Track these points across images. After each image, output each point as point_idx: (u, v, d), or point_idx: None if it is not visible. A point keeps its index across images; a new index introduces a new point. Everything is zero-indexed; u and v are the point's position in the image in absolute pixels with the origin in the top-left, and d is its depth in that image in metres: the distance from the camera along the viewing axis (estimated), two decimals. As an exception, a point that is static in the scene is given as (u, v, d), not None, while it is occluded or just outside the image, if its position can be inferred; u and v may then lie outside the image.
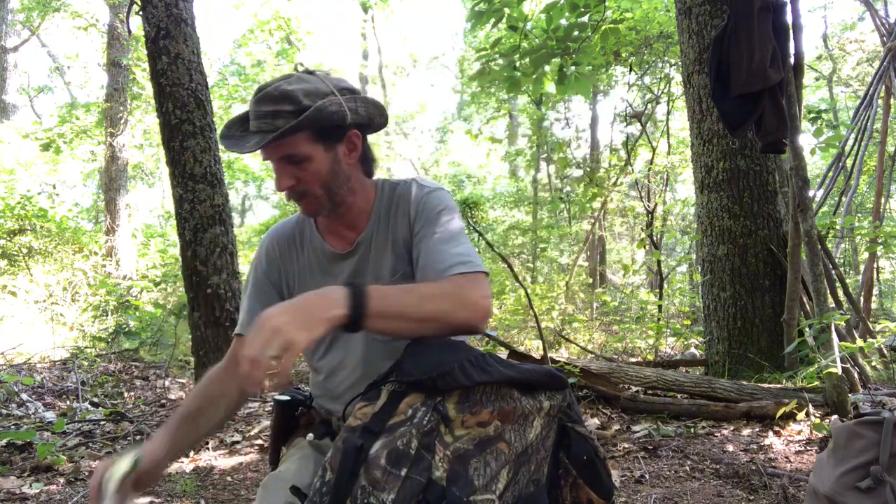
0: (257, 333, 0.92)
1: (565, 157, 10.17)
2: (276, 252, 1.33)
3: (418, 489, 0.87)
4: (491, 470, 0.92)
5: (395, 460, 0.88)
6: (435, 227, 1.21)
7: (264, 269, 1.33)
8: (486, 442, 0.94)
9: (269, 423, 1.38)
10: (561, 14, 4.40)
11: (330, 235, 1.31)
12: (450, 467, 0.90)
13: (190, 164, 4.16)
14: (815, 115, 5.54)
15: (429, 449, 0.90)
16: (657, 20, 7.49)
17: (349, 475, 0.89)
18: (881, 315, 8.30)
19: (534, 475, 1.00)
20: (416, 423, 0.91)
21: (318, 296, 0.99)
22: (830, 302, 3.82)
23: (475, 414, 0.94)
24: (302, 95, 1.12)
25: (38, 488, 2.56)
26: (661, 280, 6.83)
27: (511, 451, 0.96)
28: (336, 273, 1.29)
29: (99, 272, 8.81)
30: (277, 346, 0.90)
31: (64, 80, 19.22)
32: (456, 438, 0.92)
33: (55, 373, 5.17)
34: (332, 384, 1.29)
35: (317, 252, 1.31)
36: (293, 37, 13.57)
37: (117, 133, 9.47)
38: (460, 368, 0.94)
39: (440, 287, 1.09)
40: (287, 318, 0.94)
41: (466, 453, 0.92)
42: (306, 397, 1.37)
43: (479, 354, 0.99)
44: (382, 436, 0.91)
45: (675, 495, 2.27)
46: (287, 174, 1.18)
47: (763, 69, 3.13)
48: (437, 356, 0.98)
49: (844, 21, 14.19)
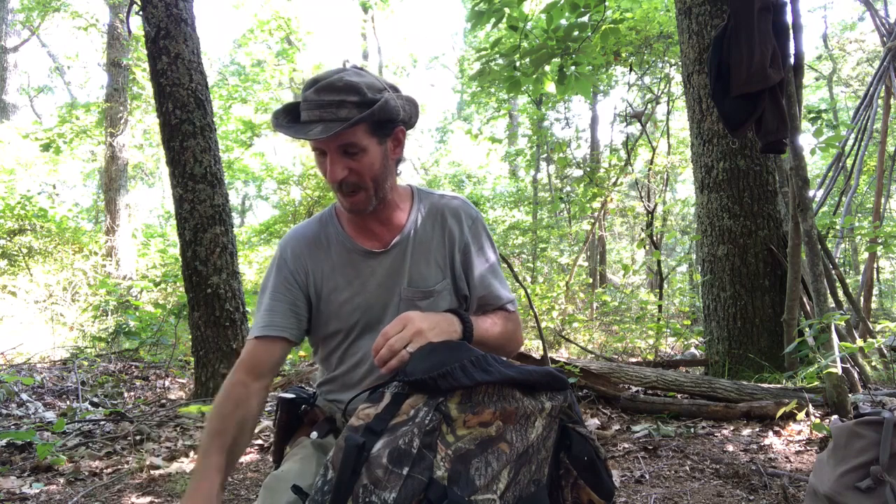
0: (402, 329, 1.08)
1: (565, 157, 10.16)
2: (302, 253, 1.31)
3: (420, 488, 0.87)
4: (492, 470, 0.93)
5: (396, 459, 0.88)
6: (486, 256, 1.36)
7: (290, 269, 1.30)
8: (487, 442, 0.95)
9: (272, 422, 1.38)
10: (561, 14, 4.40)
11: (360, 234, 1.31)
12: (451, 467, 0.91)
13: (190, 164, 4.16)
14: (815, 115, 5.53)
15: (430, 448, 0.91)
16: (657, 20, 7.49)
17: (351, 474, 0.89)
18: (881, 315, 8.30)
19: (535, 475, 1.01)
20: (417, 423, 0.92)
21: (444, 317, 1.17)
22: (830, 302, 3.82)
23: (477, 414, 0.95)
24: (365, 88, 1.15)
25: (38, 488, 2.56)
26: (661, 280, 6.83)
27: (512, 452, 0.96)
28: (368, 271, 1.29)
29: (99, 272, 8.81)
30: (416, 344, 1.06)
31: (64, 80, 19.24)
32: (458, 438, 0.93)
33: (55, 373, 5.17)
34: (352, 375, 1.31)
35: (347, 250, 1.31)
36: (293, 37, 13.57)
37: (117, 133, 9.47)
38: (461, 369, 0.95)
39: (509, 325, 1.33)
40: (427, 325, 1.10)
41: (468, 453, 0.93)
42: (310, 395, 1.37)
43: (480, 355, 1.00)
44: (384, 435, 0.92)
45: (675, 495, 2.27)
46: (342, 165, 1.18)
47: (763, 69, 3.13)
48: (439, 357, 0.99)
49: (844, 21, 14.20)
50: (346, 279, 1.29)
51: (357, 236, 1.31)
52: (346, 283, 1.29)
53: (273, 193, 15.79)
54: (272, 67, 13.15)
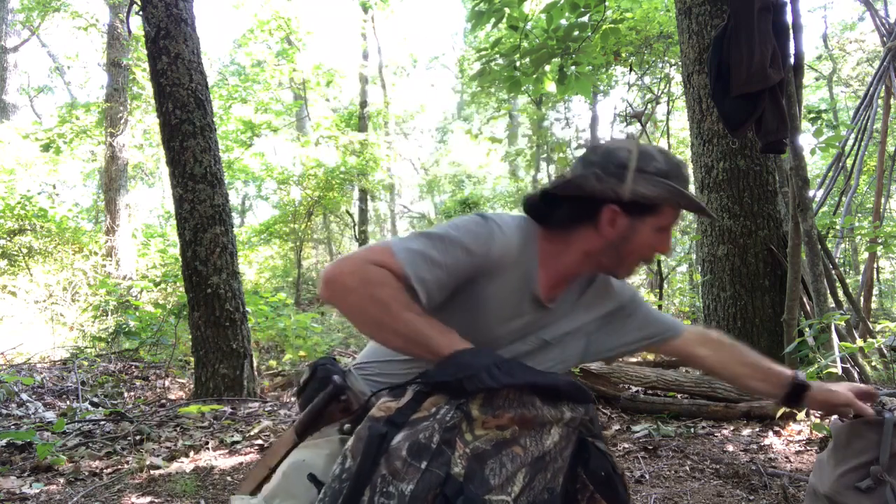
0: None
1: (565, 157, 10.16)
2: (507, 252, 1.20)
3: (437, 482, 0.89)
4: (506, 471, 0.94)
5: (416, 452, 0.90)
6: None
7: (487, 250, 1.16)
8: (502, 444, 0.96)
9: (305, 400, 1.30)
10: (561, 14, 4.40)
11: (544, 277, 1.25)
12: (468, 465, 0.92)
13: (190, 164, 4.16)
14: (815, 115, 5.54)
15: (449, 444, 0.92)
16: (657, 20, 7.49)
17: (371, 463, 0.91)
18: (881, 315, 8.30)
19: (549, 483, 1.02)
20: (438, 419, 0.94)
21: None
22: (830, 302, 3.82)
23: (497, 417, 0.97)
24: None
25: (38, 488, 2.56)
26: (661, 280, 6.83)
27: (527, 455, 0.98)
28: (523, 313, 1.24)
29: (99, 272, 8.81)
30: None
31: (64, 80, 19.24)
32: (475, 437, 0.95)
33: (55, 373, 5.17)
34: (412, 371, 1.26)
35: (526, 282, 1.23)
36: (293, 37, 13.56)
37: (117, 133, 9.47)
38: (487, 371, 0.96)
39: None
40: None
41: (484, 453, 0.94)
42: (344, 377, 1.30)
43: (505, 360, 1.01)
44: (405, 428, 0.94)
45: (675, 495, 2.27)
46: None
47: (763, 69, 3.12)
48: (465, 359, 1.01)
49: (844, 21, 14.19)
50: (501, 305, 1.22)
51: (541, 277, 1.25)
52: (500, 306, 1.22)
53: (273, 193, 15.79)
54: (272, 67, 13.14)
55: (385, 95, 16.14)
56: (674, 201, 1.21)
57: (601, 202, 1.20)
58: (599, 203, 1.20)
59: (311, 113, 15.16)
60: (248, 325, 4.36)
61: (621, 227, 1.21)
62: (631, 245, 1.23)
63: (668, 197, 1.19)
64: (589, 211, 1.22)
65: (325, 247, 14.53)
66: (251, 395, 4.21)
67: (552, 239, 1.26)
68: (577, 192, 1.20)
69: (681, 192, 1.20)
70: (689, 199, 1.21)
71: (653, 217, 1.22)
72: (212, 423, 3.60)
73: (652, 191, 1.18)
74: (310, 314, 6.41)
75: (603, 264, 1.27)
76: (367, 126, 13.92)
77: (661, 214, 1.22)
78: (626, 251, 1.24)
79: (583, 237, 1.24)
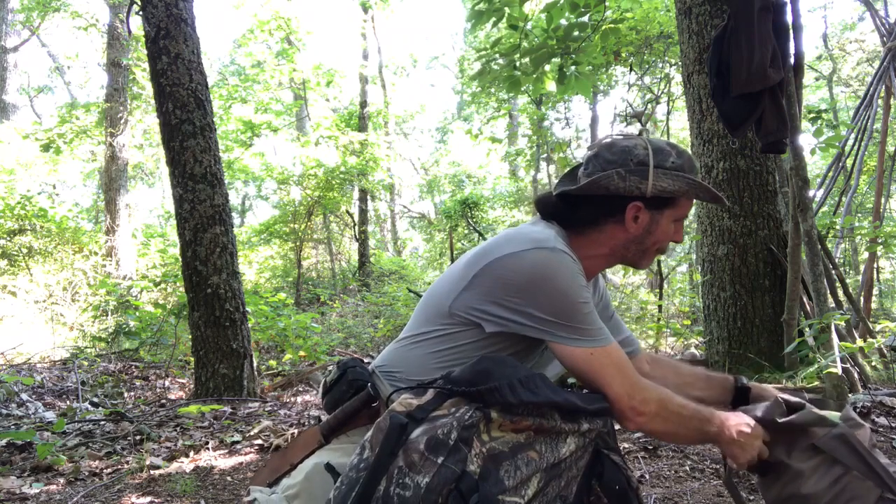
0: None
1: (565, 157, 10.16)
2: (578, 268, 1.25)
3: (452, 478, 0.90)
4: (521, 474, 0.96)
5: (433, 447, 0.92)
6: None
7: (583, 281, 1.22)
8: (518, 447, 0.98)
9: (332, 401, 1.30)
10: (561, 14, 4.39)
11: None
12: (483, 464, 0.94)
13: (190, 164, 4.16)
14: (815, 115, 5.53)
15: (466, 443, 0.94)
16: (657, 20, 7.49)
17: (389, 454, 0.92)
18: (881, 315, 8.30)
19: (563, 491, 1.03)
20: (458, 417, 0.96)
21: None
22: (830, 302, 3.82)
23: (514, 422, 0.98)
24: None
25: (38, 488, 2.56)
26: (661, 280, 6.83)
27: (542, 461, 0.99)
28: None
29: (99, 272, 8.81)
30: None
31: (64, 80, 19.25)
32: (492, 438, 0.97)
33: (55, 373, 5.17)
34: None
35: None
36: (293, 37, 13.56)
37: (117, 133, 9.47)
38: (509, 386, 0.97)
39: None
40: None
41: (500, 454, 0.96)
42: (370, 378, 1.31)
43: (530, 375, 1.02)
44: (424, 423, 0.96)
45: (675, 495, 2.27)
46: None
47: (763, 69, 3.12)
48: (489, 367, 1.02)
49: (844, 21, 14.21)
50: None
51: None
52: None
53: (273, 193, 15.81)
54: (272, 67, 13.14)
55: (385, 95, 16.14)
56: (693, 193, 1.27)
57: (626, 199, 1.26)
58: (624, 200, 1.26)
59: (311, 113, 15.16)
60: (248, 325, 4.36)
61: (644, 222, 1.28)
62: (653, 237, 1.30)
63: (688, 190, 1.25)
64: (613, 209, 1.27)
65: (325, 247, 14.53)
66: (251, 395, 4.21)
67: (579, 239, 1.30)
68: (603, 191, 1.25)
69: (699, 184, 1.26)
70: (707, 189, 1.26)
71: (671, 209, 1.29)
72: (212, 423, 3.60)
73: (672, 185, 1.24)
74: (310, 314, 6.41)
75: (627, 258, 1.34)
76: (367, 126, 13.92)
77: (679, 206, 1.30)
78: (649, 243, 1.31)
79: (609, 234, 1.30)
